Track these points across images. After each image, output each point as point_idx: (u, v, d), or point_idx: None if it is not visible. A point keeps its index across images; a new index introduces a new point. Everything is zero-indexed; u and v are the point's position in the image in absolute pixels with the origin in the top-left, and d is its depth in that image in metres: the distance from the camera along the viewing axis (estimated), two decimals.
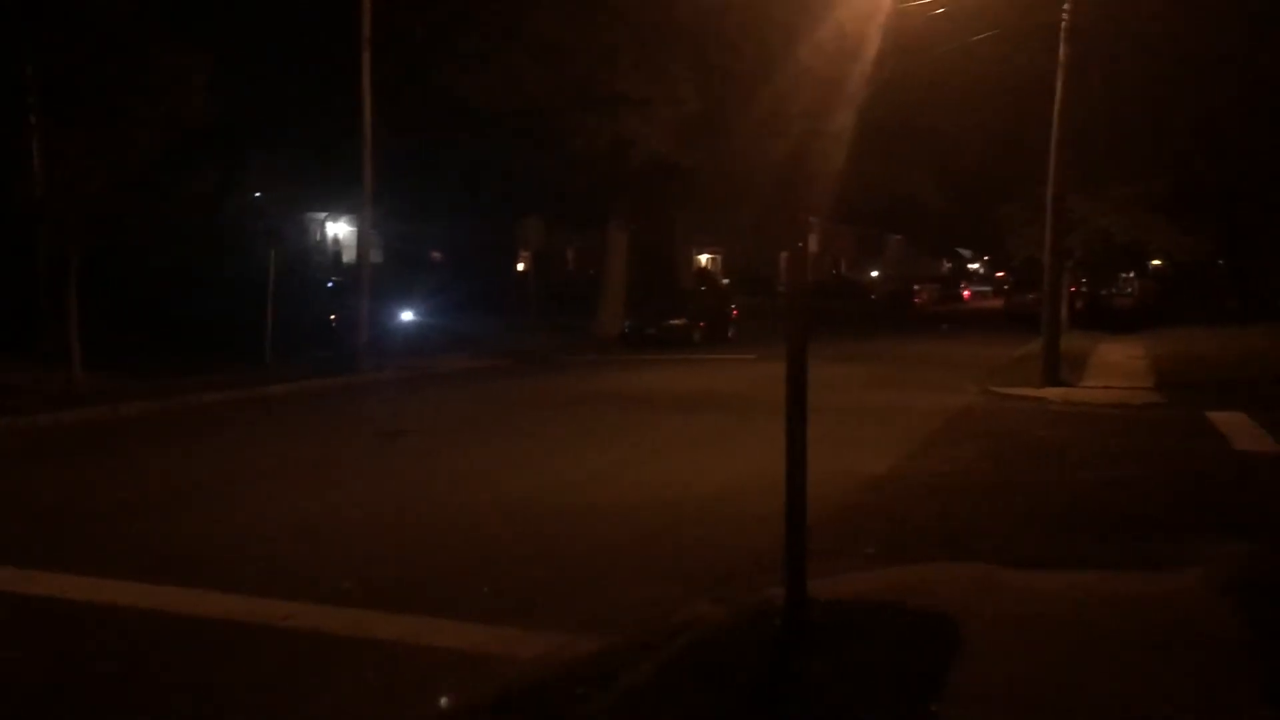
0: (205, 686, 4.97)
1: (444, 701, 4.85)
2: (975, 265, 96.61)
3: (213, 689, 4.95)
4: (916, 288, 57.63)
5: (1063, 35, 16.79)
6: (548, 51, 22.91)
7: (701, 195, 29.39)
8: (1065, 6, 16.51)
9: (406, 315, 24.11)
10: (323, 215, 36.97)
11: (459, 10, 23.02)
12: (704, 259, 49.30)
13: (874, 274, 64.35)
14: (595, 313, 28.35)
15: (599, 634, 5.43)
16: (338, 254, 37.68)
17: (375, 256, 25.43)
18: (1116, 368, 19.92)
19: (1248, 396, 14.58)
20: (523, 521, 7.98)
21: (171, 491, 9.28)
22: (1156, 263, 47.75)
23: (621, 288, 28.47)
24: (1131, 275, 48.27)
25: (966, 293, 72.64)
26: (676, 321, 26.41)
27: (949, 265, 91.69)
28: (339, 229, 38.05)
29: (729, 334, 27.89)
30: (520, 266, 36.91)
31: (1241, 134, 31.00)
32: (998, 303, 53.94)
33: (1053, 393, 15.67)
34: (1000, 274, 76.14)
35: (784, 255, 5.95)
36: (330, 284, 26.59)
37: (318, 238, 38.16)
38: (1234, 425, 12.31)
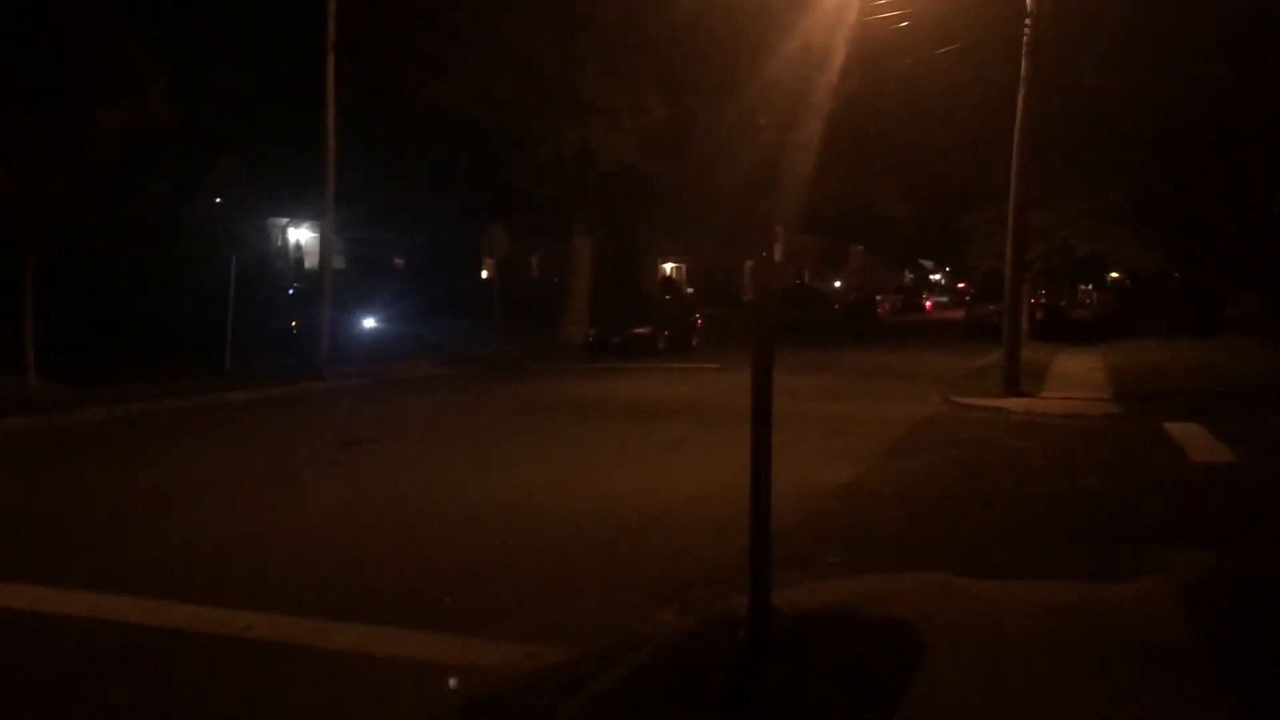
0: (159, 697, 4.90)
1: (406, 712, 4.80)
2: (937, 276, 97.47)
3: (167, 699, 4.87)
4: (879, 298, 58.07)
5: (1024, 50, 16.99)
6: (514, 59, 22.87)
7: (667, 204, 29.43)
8: (1027, 22, 16.72)
9: (369, 322, 23.96)
10: (284, 221, 36.68)
11: (425, 16, 22.93)
12: (669, 268, 49.39)
13: (837, 284, 64.79)
14: (560, 321, 28.31)
15: (563, 643, 5.40)
16: (300, 260, 37.38)
17: (338, 262, 25.30)
18: (1075, 378, 20.14)
19: (1203, 408, 14.80)
20: (485, 530, 7.94)
21: (127, 500, 9.15)
22: (1115, 275, 48.44)
23: (586, 296, 28.45)
24: (1090, 287, 48.89)
25: (928, 303, 73.29)
26: (641, 330, 26.39)
27: (911, 276, 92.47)
28: (301, 234, 37.76)
29: (693, 343, 27.91)
30: (484, 274, 36.82)
31: (1196, 151, 31.51)
32: (959, 313, 54.50)
33: (1014, 403, 15.82)
34: (961, 285, 76.91)
35: (749, 264, 5.96)
36: (292, 290, 26.37)
37: (279, 243, 37.83)
38: (1190, 436, 12.48)
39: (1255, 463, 10.92)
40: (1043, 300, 39.83)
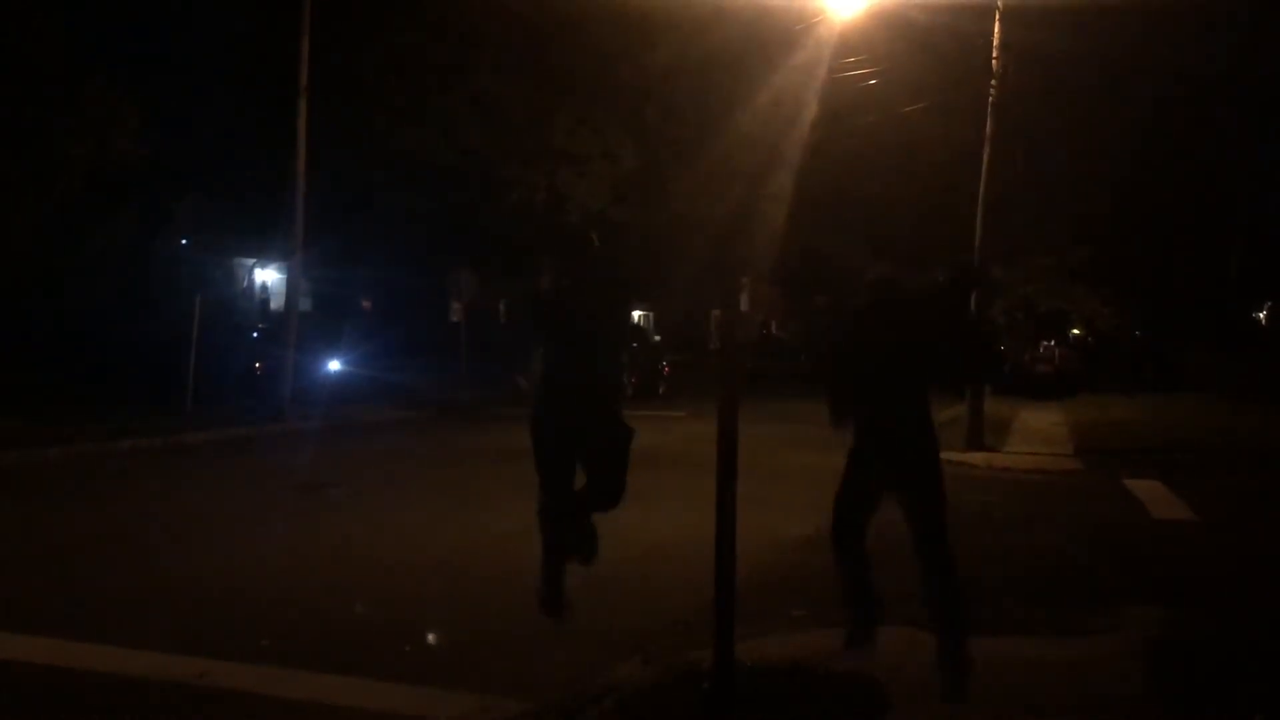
0: None
1: None
2: None
3: None
4: None
5: (990, 109, 17.32)
6: (485, 106, 23.00)
7: (636, 252, 29.58)
8: (993, 82, 17.06)
9: (334, 364, 23.77)
10: (251, 261, 36.48)
11: (395, 62, 23.04)
12: (637, 315, 49.50)
13: None
14: (527, 366, 28.25)
15: (523, 695, 5.33)
16: (265, 301, 37.14)
17: (304, 304, 25.15)
18: (1038, 434, 20.31)
19: (1163, 464, 14.96)
20: (445, 579, 7.85)
21: (77, 541, 8.98)
22: (1077, 331, 49.05)
23: None
24: (1053, 343, 49.43)
25: None
26: None
27: None
28: (268, 275, 37.56)
29: (660, 390, 27.90)
30: (453, 317, 36.70)
31: (1156, 213, 32.19)
32: None
33: (976, 457, 15.92)
34: None
35: (716, 313, 5.99)
36: (256, 332, 26.18)
37: (246, 284, 37.61)
38: (1151, 493, 12.59)
39: (1215, 520, 11.03)
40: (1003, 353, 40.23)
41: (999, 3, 16.91)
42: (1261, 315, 48.62)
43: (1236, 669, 5.76)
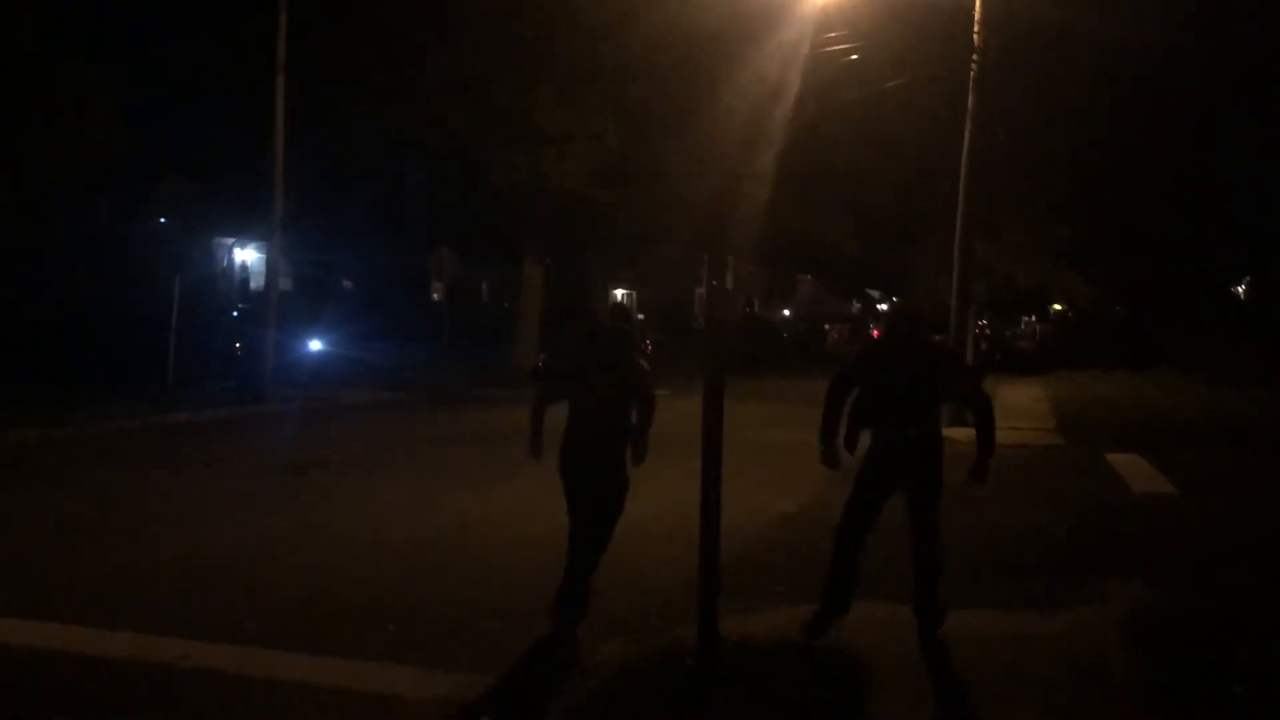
0: None
1: None
2: (884, 306, 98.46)
3: None
4: (828, 327, 58.60)
5: (971, 85, 17.31)
6: (466, 86, 22.81)
7: (620, 231, 29.47)
8: (974, 57, 17.04)
9: (315, 345, 23.63)
10: (230, 241, 36.24)
11: (376, 40, 22.82)
12: (620, 294, 49.41)
13: (786, 313, 65.24)
14: (509, 347, 28.17)
15: (508, 673, 5.34)
16: (245, 281, 36.93)
17: (284, 284, 24.98)
18: (1019, 409, 20.41)
19: (1143, 439, 15.08)
20: (429, 558, 7.84)
21: (58, 524, 8.92)
22: (1058, 308, 49.28)
23: (536, 322, 28.34)
24: (1033, 319, 49.60)
25: (875, 333, 74.09)
26: None
27: (859, 305, 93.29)
28: (247, 255, 37.32)
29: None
30: (434, 297, 36.58)
31: (1135, 190, 32.26)
32: None
33: (959, 433, 15.87)
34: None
35: (700, 293, 5.99)
36: (236, 312, 26.02)
37: (225, 264, 37.38)
38: (1131, 467, 12.68)
39: (1194, 493, 11.12)
40: (987, 331, 40.42)
41: None
42: (1240, 290, 48.92)
43: (1216, 641, 5.82)
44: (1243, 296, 48.55)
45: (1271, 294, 44.21)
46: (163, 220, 31.15)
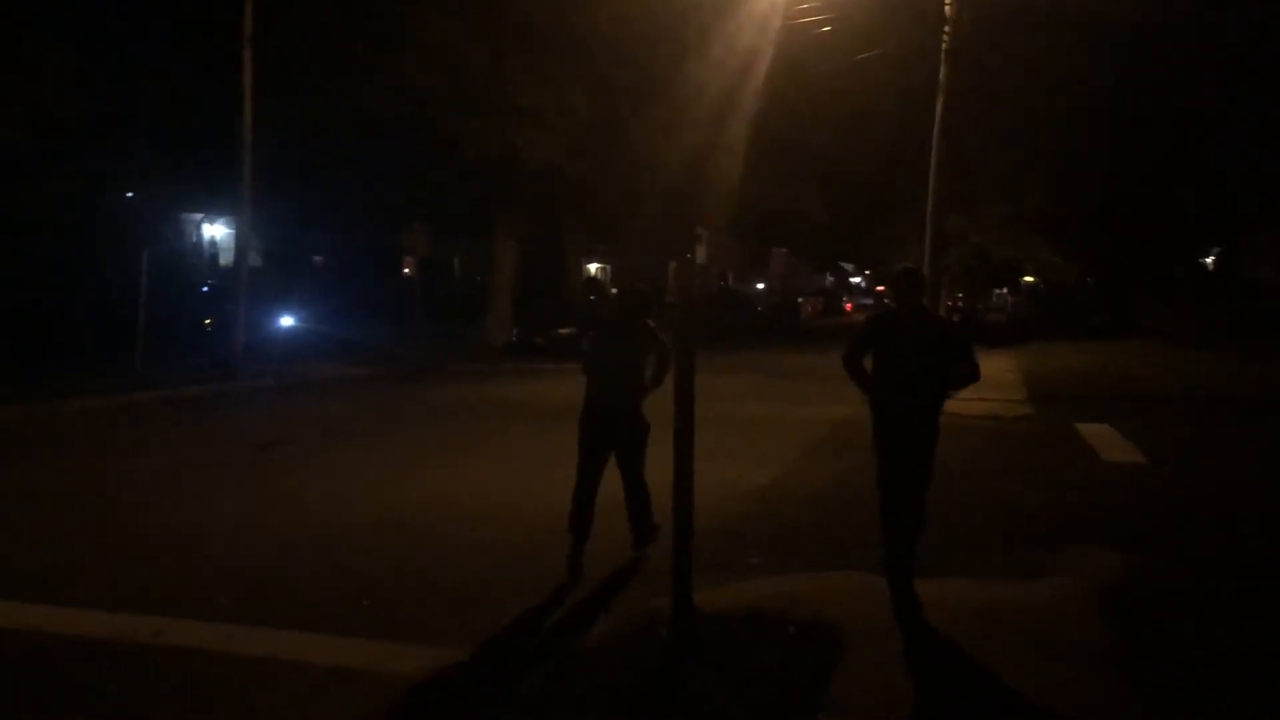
0: (64, 706, 4.71)
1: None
2: (857, 279, 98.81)
3: (72, 709, 4.69)
4: (801, 300, 58.72)
5: (943, 57, 17.30)
6: (438, 58, 22.58)
7: (592, 205, 29.36)
8: (946, 29, 17.03)
9: (286, 320, 23.47)
10: (199, 216, 35.86)
11: (346, 11, 22.54)
12: (594, 268, 49.31)
13: (759, 286, 65.33)
14: (482, 321, 28.08)
15: (482, 647, 5.33)
16: (214, 256, 36.58)
17: (254, 259, 24.75)
18: (990, 380, 20.49)
19: (1113, 408, 15.21)
20: (402, 534, 7.81)
21: (29, 503, 8.83)
22: (1030, 279, 49.57)
23: (509, 296, 28.24)
24: (1005, 291, 49.86)
25: (849, 305, 74.39)
26: (564, 331, 26.24)
27: (832, 278, 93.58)
28: (216, 231, 36.95)
29: None
30: (406, 272, 36.39)
31: (1104, 161, 32.44)
32: None
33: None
34: (881, 288, 78.08)
35: (673, 265, 5.97)
36: (206, 287, 25.78)
37: (194, 239, 36.99)
38: (1101, 437, 12.79)
39: (1164, 462, 11.22)
40: (959, 303, 40.64)
41: None
42: (1209, 261, 49.34)
43: (1185, 609, 5.88)
44: (1210, 268, 48.97)
45: (1243, 263, 44.62)
46: (130, 195, 30.75)
